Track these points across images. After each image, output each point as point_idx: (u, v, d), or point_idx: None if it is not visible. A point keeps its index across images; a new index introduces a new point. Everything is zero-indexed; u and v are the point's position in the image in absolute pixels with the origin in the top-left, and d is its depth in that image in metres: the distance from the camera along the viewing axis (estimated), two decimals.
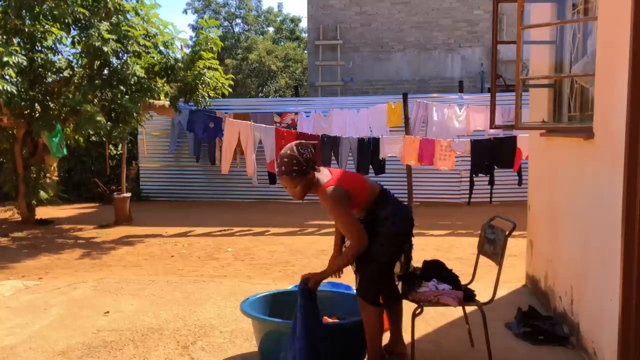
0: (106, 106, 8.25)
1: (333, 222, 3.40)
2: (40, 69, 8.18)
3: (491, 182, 8.99)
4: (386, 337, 3.40)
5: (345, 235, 3.12)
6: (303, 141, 3.11)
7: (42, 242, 7.78)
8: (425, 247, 6.96)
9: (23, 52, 7.61)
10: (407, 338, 3.32)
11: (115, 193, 9.78)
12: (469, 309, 3.67)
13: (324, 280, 3.25)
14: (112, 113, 8.29)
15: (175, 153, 11.80)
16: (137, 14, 8.74)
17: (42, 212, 9.85)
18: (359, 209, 3.16)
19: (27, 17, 7.83)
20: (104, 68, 8.33)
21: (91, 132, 8.61)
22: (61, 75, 8.58)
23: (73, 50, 8.57)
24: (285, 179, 3.02)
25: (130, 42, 8.22)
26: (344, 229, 3.04)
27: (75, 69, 8.56)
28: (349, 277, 3.94)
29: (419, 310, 3.28)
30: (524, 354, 3.58)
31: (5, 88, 7.03)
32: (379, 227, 3.11)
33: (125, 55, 8.36)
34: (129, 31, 8.23)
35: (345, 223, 3.02)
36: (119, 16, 8.36)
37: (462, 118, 10.24)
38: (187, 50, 9.64)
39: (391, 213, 3.11)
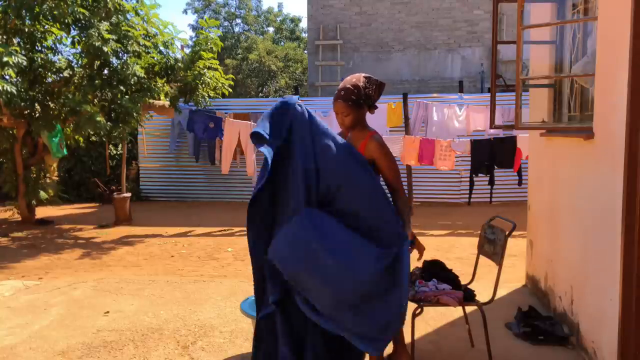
0: (106, 106, 8.25)
1: None
2: (40, 69, 8.18)
3: (491, 182, 9.00)
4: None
5: (393, 184, 2.91)
6: (372, 76, 3.01)
7: (42, 242, 7.78)
8: (425, 247, 6.96)
9: (23, 52, 7.61)
10: (407, 338, 3.31)
11: (115, 193, 9.78)
12: (469, 309, 3.67)
13: None
14: (112, 113, 8.29)
15: (175, 153, 11.80)
16: (137, 14, 8.74)
17: (42, 212, 9.85)
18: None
19: (27, 17, 7.83)
20: (104, 68, 8.33)
21: (91, 132, 8.62)
22: (61, 75, 8.58)
23: (73, 50, 8.58)
24: (340, 104, 2.94)
25: (130, 42, 8.22)
26: (395, 177, 2.90)
27: (75, 69, 8.56)
28: None
29: (419, 310, 3.28)
30: (524, 354, 3.58)
31: (5, 88, 7.03)
32: None
33: (125, 55, 8.36)
34: (129, 31, 8.23)
35: (397, 171, 2.91)
36: (119, 16, 8.36)
37: (462, 118, 10.24)
38: (187, 50, 9.65)
39: None
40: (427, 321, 4.12)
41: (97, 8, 8.12)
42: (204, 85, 8.84)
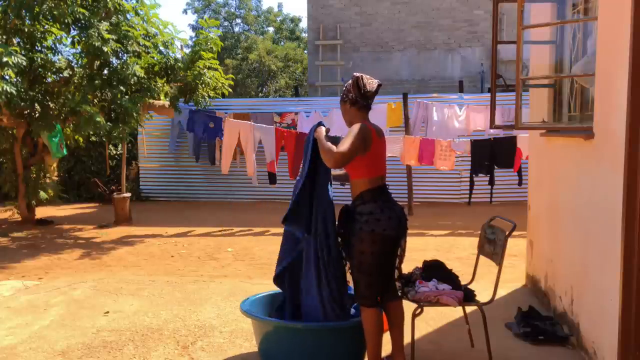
0: (106, 106, 8.25)
1: None
2: (40, 69, 8.17)
3: (491, 182, 9.00)
4: (388, 341, 3.39)
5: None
6: (365, 77, 3.10)
7: (42, 242, 7.78)
8: (425, 247, 6.96)
9: (23, 52, 7.60)
10: (407, 338, 3.31)
11: (115, 193, 9.78)
12: (469, 309, 3.67)
13: None
14: (112, 113, 8.29)
15: (175, 153, 11.80)
16: (137, 14, 8.74)
17: (42, 212, 9.85)
18: (360, 171, 3.10)
19: (27, 17, 7.82)
20: (104, 68, 8.33)
21: (91, 132, 8.62)
22: (61, 75, 8.58)
23: (73, 50, 8.57)
24: (340, 104, 3.22)
25: (130, 42, 8.21)
26: (342, 146, 2.98)
27: (75, 69, 8.56)
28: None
29: (419, 310, 3.28)
30: (524, 354, 3.58)
31: (5, 89, 7.03)
32: (355, 223, 3.04)
33: (125, 55, 8.36)
34: (129, 31, 8.23)
35: (345, 148, 2.96)
36: (119, 16, 8.35)
37: (462, 118, 10.24)
38: (187, 50, 9.64)
39: (368, 212, 3.02)
40: (427, 321, 4.12)
41: (97, 8, 8.11)
42: (204, 85, 8.83)
